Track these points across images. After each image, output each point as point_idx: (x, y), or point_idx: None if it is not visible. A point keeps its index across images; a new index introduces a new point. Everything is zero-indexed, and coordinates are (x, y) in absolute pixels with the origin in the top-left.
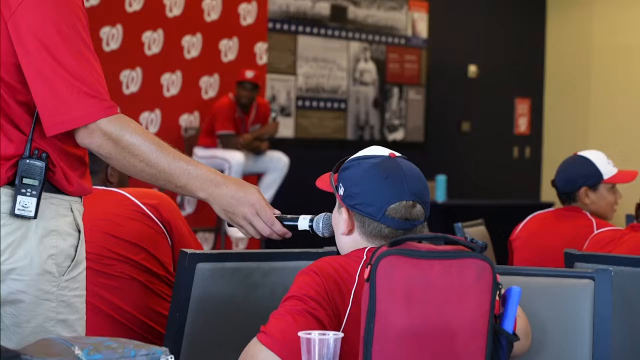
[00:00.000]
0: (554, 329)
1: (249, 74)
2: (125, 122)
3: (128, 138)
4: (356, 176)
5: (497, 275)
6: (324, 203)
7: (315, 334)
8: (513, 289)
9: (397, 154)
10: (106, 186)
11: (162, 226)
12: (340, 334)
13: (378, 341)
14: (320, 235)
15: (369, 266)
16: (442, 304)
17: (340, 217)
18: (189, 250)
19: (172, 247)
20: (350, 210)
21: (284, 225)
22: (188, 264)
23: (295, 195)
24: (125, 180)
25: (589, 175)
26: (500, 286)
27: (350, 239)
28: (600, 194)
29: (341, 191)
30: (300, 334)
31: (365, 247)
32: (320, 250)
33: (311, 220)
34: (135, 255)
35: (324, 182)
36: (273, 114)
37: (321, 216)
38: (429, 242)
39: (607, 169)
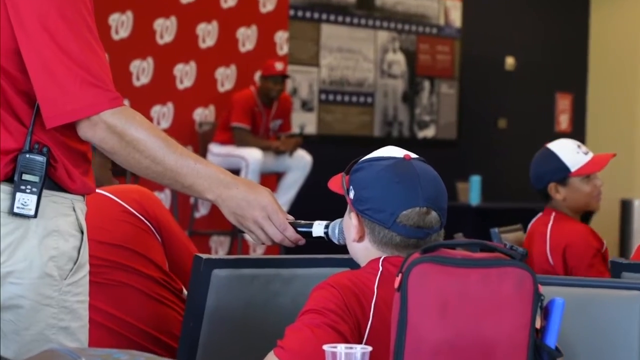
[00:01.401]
0: (599, 343)
1: (279, 66)
2: (131, 115)
3: (133, 132)
4: (367, 179)
5: (539, 286)
6: (347, 206)
7: (341, 348)
8: (556, 300)
9: (413, 155)
10: None
11: (148, 223)
12: (369, 348)
13: (409, 355)
14: (336, 242)
15: (400, 275)
16: (479, 316)
17: (350, 223)
18: (204, 256)
19: (162, 245)
20: (360, 215)
21: (298, 232)
22: (203, 270)
23: (316, 197)
24: (105, 179)
25: (555, 169)
26: (542, 297)
27: (362, 246)
28: (573, 187)
29: (352, 194)
30: (325, 347)
31: (380, 257)
32: (346, 256)
33: (326, 227)
34: (125, 260)
35: (336, 183)
36: (298, 130)
37: (337, 222)
38: (463, 249)
39: (575, 159)
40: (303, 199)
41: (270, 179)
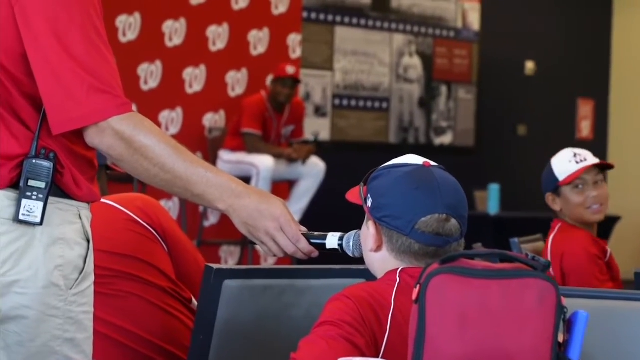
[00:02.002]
0: (622, 357)
1: (290, 70)
2: (140, 121)
3: (142, 139)
4: (385, 186)
5: (562, 298)
6: (362, 215)
7: None
8: (580, 313)
9: (432, 162)
10: None
11: (153, 231)
12: None
13: None
14: (351, 254)
15: (418, 286)
16: (500, 329)
17: (368, 233)
18: (214, 266)
19: (169, 254)
20: (378, 223)
21: (311, 243)
22: (214, 280)
23: (330, 206)
24: (105, 189)
25: (548, 180)
26: (565, 310)
27: (378, 256)
28: (565, 197)
29: (369, 203)
30: None
31: (397, 268)
32: (362, 267)
33: (340, 239)
34: (132, 269)
35: (354, 194)
36: (312, 137)
37: (352, 234)
38: (483, 260)
39: (565, 168)
40: (316, 207)
41: (282, 187)
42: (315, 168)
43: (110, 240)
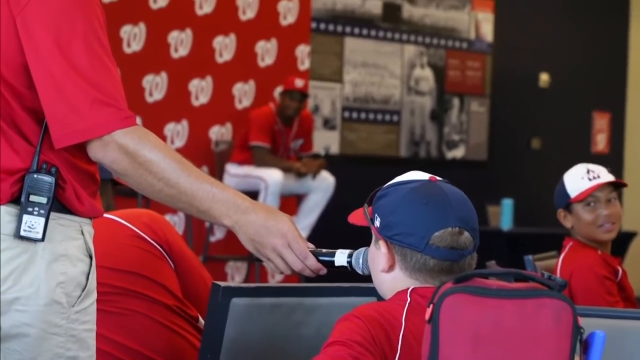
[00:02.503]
0: None
1: (299, 83)
2: (144, 135)
3: (146, 153)
4: (393, 204)
5: (578, 318)
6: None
7: None
8: (597, 334)
9: (438, 178)
10: None
11: (160, 248)
12: None
13: None
14: (360, 272)
15: (431, 305)
16: (515, 350)
17: (378, 253)
18: (222, 283)
19: (175, 271)
20: (389, 242)
21: (319, 261)
22: (221, 298)
23: (339, 221)
24: (111, 203)
25: (560, 196)
26: (582, 331)
27: (390, 277)
28: (576, 214)
29: (377, 223)
30: None
31: (408, 288)
32: (372, 284)
33: (350, 256)
34: (137, 286)
35: (357, 216)
36: (322, 151)
37: (361, 251)
38: (497, 278)
39: (578, 185)
40: (325, 222)
41: (291, 201)
42: (324, 182)
43: (114, 256)
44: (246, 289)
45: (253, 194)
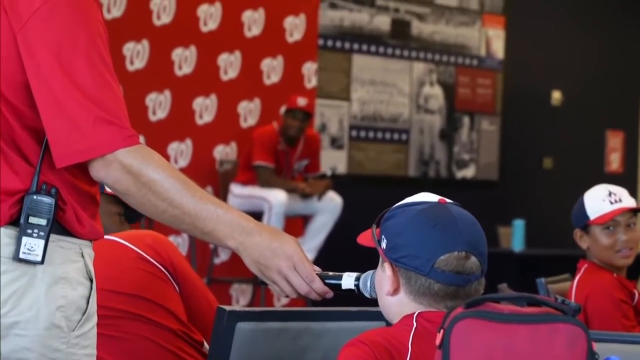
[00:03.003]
0: None
1: (301, 102)
2: (147, 154)
3: (150, 173)
4: (400, 225)
5: (593, 343)
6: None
7: None
8: (612, 359)
9: (447, 200)
10: None
11: (164, 270)
12: None
13: None
14: (368, 295)
15: (442, 330)
16: None
17: (384, 275)
18: (227, 307)
19: (180, 294)
20: (394, 265)
21: (325, 284)
22: (226, 323)
23: (347, 243)
24: (111, 227)
25: (578, 216)
26: (597, 356)
27: (395, 300)
28: (594, 237)
29: (384, 244)
30: None
31: (414, 312)
32: (379, 309)
33: (357, 279)
34: (141, 310)
35: (366, 237)
36: (329, 172)
37: (369, 274)
38: (510, 303)
39: (598, 207)
40: (332, 244)
41: (297, 223)
42: (331, 203)
43: (117, 279)
44: (252, 313)
45: (257, 215)
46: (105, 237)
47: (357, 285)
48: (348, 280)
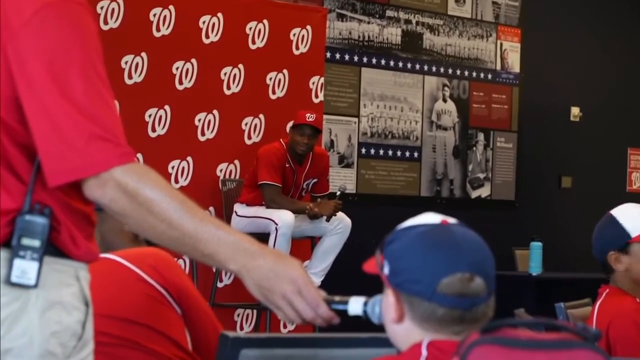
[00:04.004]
0: None
1: (310, 117)
2: (145, 172)
3: (147, 192)
4: (401, 249)
5: None
6: None
7: None
8: None
9: (451, 220)
10: None
11: (166, 294)
12: None
13: None
14: (376, 321)
15: (457, 358)
16: None
17: (388, 302)
18: (230, 334)
19: (183, 318)
20: (396, 290)
21: (332, 309)
22: (230, 350)
23: (355, 266)
24: (120, 244)
25: (614, 236)
26: None
27: (402, 328)
28: (635, 255)
29: (386, 270)
30: None
31: (422, 340)
32: None
33: (365, 304)
34: (139, 337)
35: (372, 264)
36: (338, 191)
37: (377, 298)
38: (526, 329)
39: (638, 223)
40: (340, 266)
41: (304, 244)
42: (340, 224)
43: (113, 302)
44: (256, 339)
45: (263, 236)
46: (105, 255)
47: (365, 311)
48: (355, 305)
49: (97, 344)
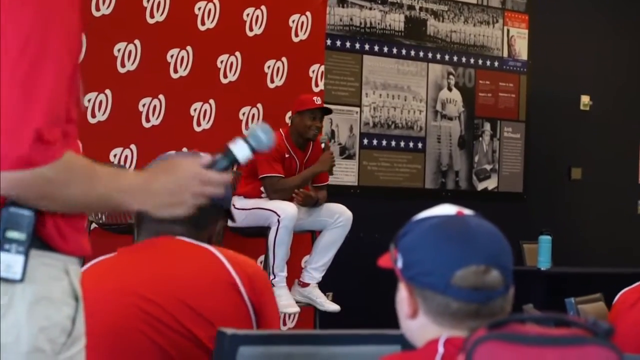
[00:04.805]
0: None
1: (318, 100)
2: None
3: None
4: (414, 241)
5: None
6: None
7: None
8: None
9: (467, 211)
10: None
11: (250, 305)
12: None
13: None
14: (266, 143)
15: (463, 354)
16: None
17: (401, 296)
18: (228, 330)
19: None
20: (409, 283)
21: (223, 169)
22: (228, 347)
23: (357, 261)
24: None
25: None
26: None
27: (416, 324)
28: None
29: (399, 263)
30: None
31: (439, 336)
32: (396, 332)
33: (246, 140)
34: (206, 336)
35: (387, 259)
36: (323, 138)
37: (252, 126)
38: (535, 324)
39: None
40: (341, 262)
41: (304, 238)
42: (341, 217)
43: (201, 298)
44: (255, 336)
45: (262, 230)
46: (209, 248)
47: (250, 145)
48: (239, 149)
49: (167, 328)
